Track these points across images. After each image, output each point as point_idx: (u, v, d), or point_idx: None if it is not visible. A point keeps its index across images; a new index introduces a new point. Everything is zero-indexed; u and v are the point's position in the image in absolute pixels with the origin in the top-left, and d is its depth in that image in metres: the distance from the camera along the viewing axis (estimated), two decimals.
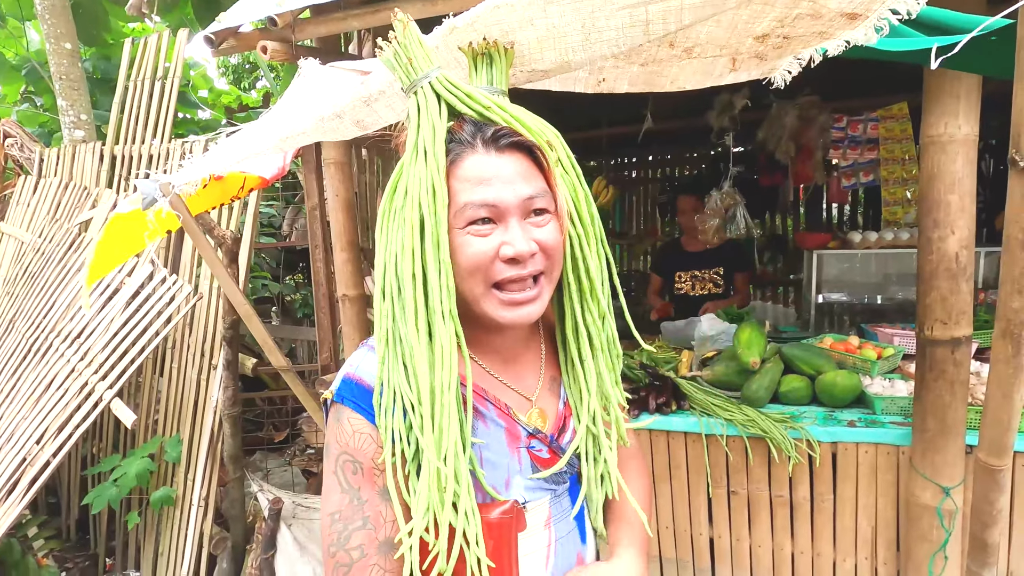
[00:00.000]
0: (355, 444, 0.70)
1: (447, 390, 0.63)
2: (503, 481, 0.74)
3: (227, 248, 2.19)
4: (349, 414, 0.71)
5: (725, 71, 0.97)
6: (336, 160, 2.17)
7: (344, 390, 0.73)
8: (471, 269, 0.67)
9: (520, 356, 0.81)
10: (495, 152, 0.67)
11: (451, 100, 0.68)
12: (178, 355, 2.72)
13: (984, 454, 1.03)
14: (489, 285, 0.68)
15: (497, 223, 0.67)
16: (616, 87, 1.07)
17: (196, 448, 2.58)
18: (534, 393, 0.80)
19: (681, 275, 3.22)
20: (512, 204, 0.66)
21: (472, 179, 0.66)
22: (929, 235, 1.58)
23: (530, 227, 0.68)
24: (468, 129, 0.68)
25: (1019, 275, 0.82)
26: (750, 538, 1.97)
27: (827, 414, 1.95)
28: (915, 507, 1.69)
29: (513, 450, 0.75)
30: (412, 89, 0.69)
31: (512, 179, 0.66)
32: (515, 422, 0.76)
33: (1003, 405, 0.92)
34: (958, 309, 1.56)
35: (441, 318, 0.64)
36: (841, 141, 3.19)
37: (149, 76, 3.08)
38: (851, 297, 3.33)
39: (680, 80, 1.02)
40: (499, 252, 0.66)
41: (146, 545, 2.70)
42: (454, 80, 0.70)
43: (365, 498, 0.68)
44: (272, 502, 2.27)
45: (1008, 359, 0.87)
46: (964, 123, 1.51)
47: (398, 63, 0.70)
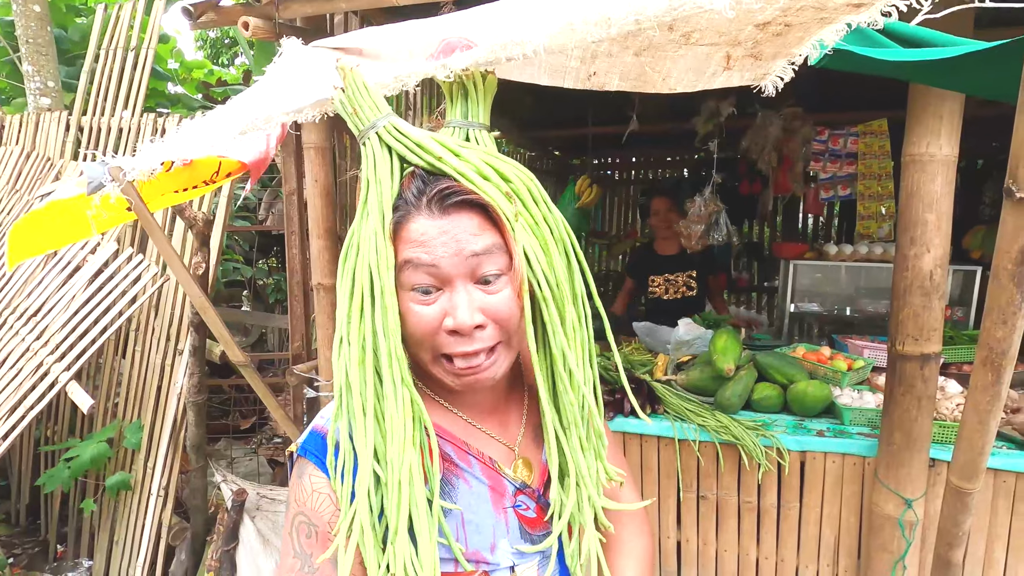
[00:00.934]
0: (312, 504, 0.64)
1: (399, 465, 0.58)
2: (488, 546, 0.67)
3: (198, 230, 2.11)
4: (311, 470, 0.65)
5: (719, 69, 0.94)
6: (317, 145, 2.11)
7: (309, 443, 0.67)
8: (416, 336, 0.62)
9: (500, 405, 0.75)
10: (439, 214, 0.60)
11: (400, 151, 0.63)
12: (142, 338, 2.62)
13: (956, 477, 1.05)
14: (437, 354, 0.63)
15: (443, 288, 0.61)
16: (607, 82, 1.04)
17: (158, 435, 2.50)
18: (516, 442, 0.74)
19: (654, 279, 3.24)
20: (455, 270, 0.60)
21: (414, 242, 0.60)
22: (905, 252, 1.60)
23: (480, 294, 0.61)
24: (415, 187, 0.62)
25: (1005, 305, 0.82)
26: (717, 542, 1.99)
27: (797, 423, 1.98)
28: (878, 517, 1.73)
29: (499, 511, 0.69)
30: (361, 139, 0.65)
31: (457, 239, 0.60)
32: (501, 477, 0.70)
33: (978, 431, 0.93)
34: (929, 326, 1.59)
35: (392, 385, 0.59)
36: (822, 154, 3.24)
37: (122, 45, 2.95)
38: (823, 308, 3.39)
39: (672, 77, 0.98)
40: (442, 323, 0.61)
41: (100, 533, 2.61)
42: (403, 128, 0.64)
43: (317, 565, 0.62)
44: (236, 493, 2.20)
45: (987, 387, 0.88)
46: (945, 144, 1.53)
47: (346, 113, 0.65)
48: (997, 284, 0.83)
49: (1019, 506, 1.72)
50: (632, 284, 3.36)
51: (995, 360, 0.85)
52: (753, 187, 4.31)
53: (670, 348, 2.51)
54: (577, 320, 0.65)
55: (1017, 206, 0.79)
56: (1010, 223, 0.80)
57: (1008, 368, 0.85)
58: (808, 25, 0.80)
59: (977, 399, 0.90)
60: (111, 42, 2.97)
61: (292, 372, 2.23)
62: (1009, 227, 0.80)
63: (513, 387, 0.77)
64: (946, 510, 1.10)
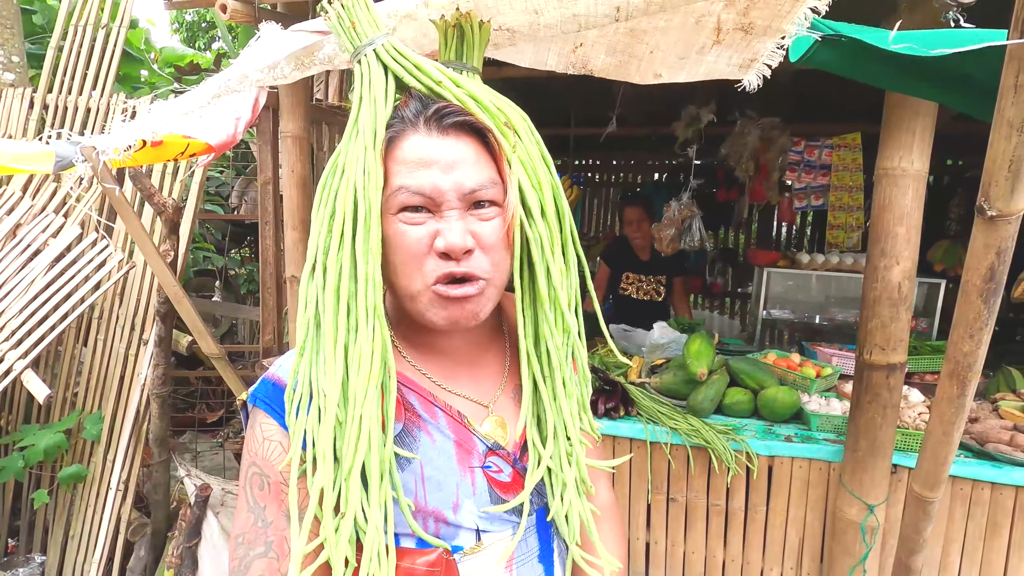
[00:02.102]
0: (264, 453, 0.61)
1: (363, 399, 0.55)
2: (450, 505, 0.63)
3: (167, 217, 2.04)
4: (262, 418, 0.62)
5: (708, 43, 0.90)
6: (294, 134, 2.07)
7: (259, 390, 0.64)
8: (405, 261, 0.59)
9: (477, 360, 0.71)
10: (438, 133, 0.59)
11: (398, 71, 0.61)
12: (105, 326, 2.53)
13: (919, 486, 1.07)
14: (426, 283, 0.59)
15: (433, 212, 0.59)
16: (592, 57, 0.98)
17: (119, 427, 2.42)
18: (491, 399, 0.69)
19: (629, 275, 3.26)
20: (451, 192, 0.58)
21: (409, 162, 0.58)
22: (876, 263, 1.64)
23: (472, 219, 0.60)
24: (413, 106, 0.60)
25: (972, 320, 0.85)
26: (685, 544, 2.02)
27: (767, 428, 2.02)
28: (841, 521, 1.77)
29: (465, 469, 0.64)
30: (356, 56, 0.62)
31: (454, 166, 0.58)
32: (470, 433, 0.66)
33: (942, 442, 0.96)
34: (896, 336, 1.63)
35: (365, 314, 0.57)
36: (797, 164, 3.31)
37: (92, 22, 2.84)
38: (794, 315, 3.47)
39: (659, 52, 0.93)
40: (432, 244, 0.59)
41: (55, 527, 2.51)
42: (403, 49, 0.62)
43: (270, 519, 0.59)
44: (200, 488, 2.15)
45: (952, 399, 0.90)
46: (917, 159, 1.57)
47: (341, 27, 0.63)
48: (965, 300, 0.85)
49: (975, 511, 1.77)
50: (608, 274, 3.35)
51: (961, 373, 0.87)
52: (730, 194, 4.38)
53: (644, 351, 2.53)
54: (565, 265, 0.64)
55: (988, 224, 0.80)
56: (980, 240, 0.82)
57: (973, 381, 0.87)
58: None
59: (942, 410, 0.92)
60: (80, 18, 2.86)
61: (263, 365, 2.18)
62: (979, 244, 0.82)
63: (490, 347, 0.73)
64: (908, 517, 1.13)
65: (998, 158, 0.76)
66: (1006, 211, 0.78)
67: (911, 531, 1.12)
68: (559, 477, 0.65)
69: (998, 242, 0.80)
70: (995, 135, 0.76)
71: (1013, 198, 0.76)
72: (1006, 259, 0.81)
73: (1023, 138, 0.74)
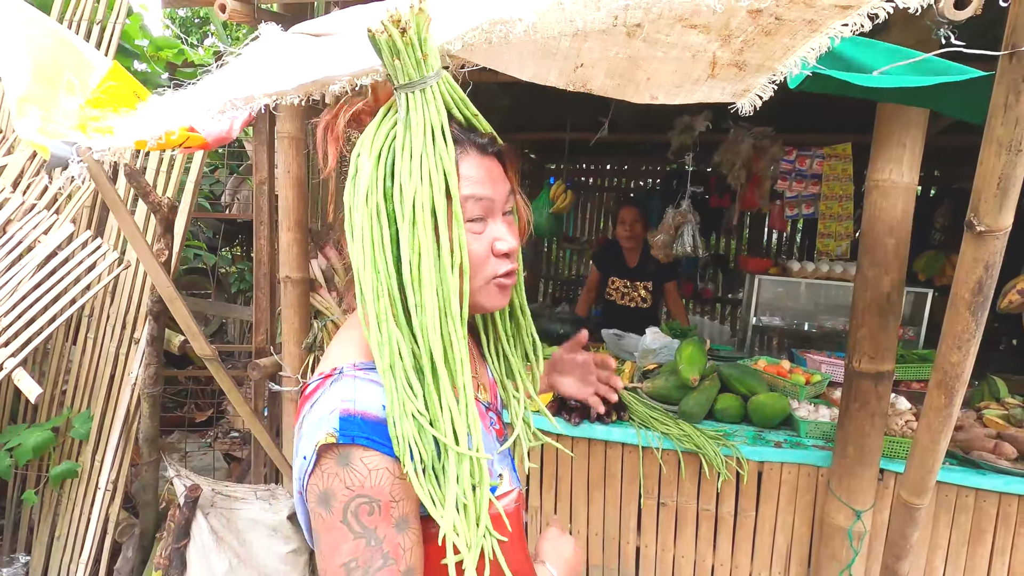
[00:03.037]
0: (372, 483, 0.66)
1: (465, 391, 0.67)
2: (491, 461, 0.78)
3: (162, 216, 2.03)
4: (362, 453, 0.66)
5: (703, 76, 0.93)
6: (291, 135, 2.06)
7: (351, 430, 0.66)
8: (472, 265, 0.71)
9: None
10: (485, 156, 0.73)
11: (450, 104, 0.69)
12: (96, 325, 2.51)
13: (906, 493, 1.10)
14: (488, 279, 0.73)
15: (487, 220, 0.73)
16: (592, 77, 1.00)
17: (108, 427, 2.39)
18: (475, 369, 0.85)
19: (615, 280, 3.27)
20: (500, 201, 0.73)
21: (469, 177, 0.70)
22: (866, 273, 1.67)
23: (507, 225, 0.75)
24: (455, 129, 0.70)
25: (961, 332, 0.87)
26: (675, 549, 2.03)
27: (756, 434, 2.04)
28: (829, 527, 1.79)
29: (488, 429, 0.80)
30: (420, 86, 0.65)
31: (497, 179, 0.73)
32: (479, 402, 0.81)
33: (930, 450, 0.98)
34: (885, 345, 1.66)
35: (455, 323, 0.66)
36: (789, 173, 3.35)
37: (87, 17, 2.82)
38: (784, 322, 3.50)
39: (656, 80, 0.95)
40: (493, 247, 0.72)
41: (40, 527, 2.48)
42: (452, 82, 0.69)
43: (382, 536, 0.66)
44: (189, 489, 2.13)
45: (940, 408, 0.92)
46: (907, 171, 1.60)
47: (408, 55, 0.63)
48: (954, 312, 0.87)
49: (959, 518, 1.81)
50: (597, 278, 3.36)
51: (949, 383, 0.89)
52: (722, 201, 4.42)
53: (636, 356, 2.55)
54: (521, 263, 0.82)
55: (977, 239, 0.82)
56: (969, 255, 0.84)
57: (960, 391, 0.90)
58: (796, 29, 0.81)
59: (930, 420, 0.94)
60: (75, 13, 2.83)
61: (256, 366, 2.17)
62: (968, 258, 0.84)
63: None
64: (895, 523, 1.15)
65: (987, 175, 0.79)
66: (994, 227, 0.80)
67: (898, 536, 1.15)
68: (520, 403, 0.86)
69: (986, 256, 0.82)
70: (985, 152, 0.78)
71: (1001, 214, 0.79)
72: (994, 273, 0.84)
73: (1012, 156, 0.77)
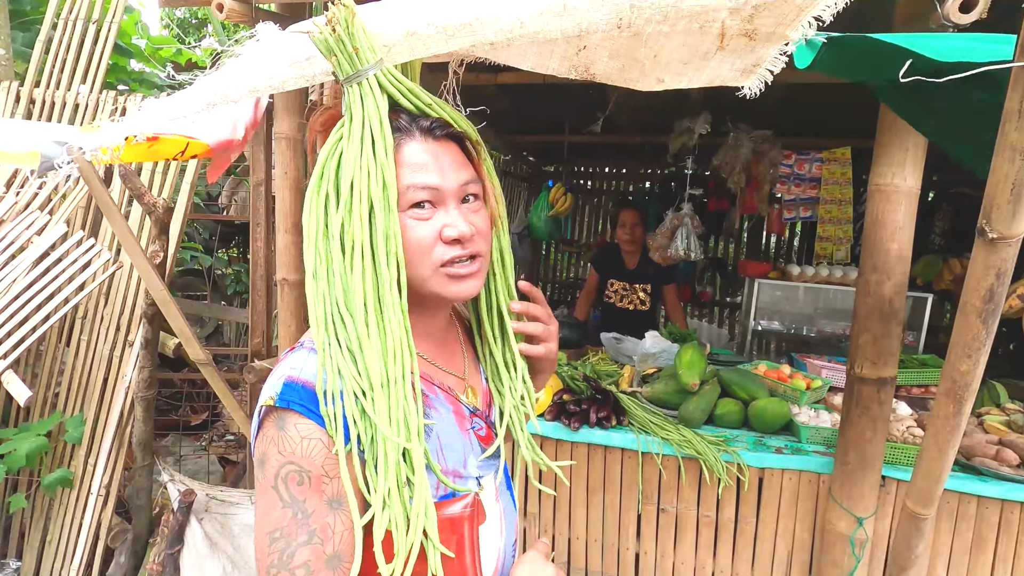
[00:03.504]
0: (303, 451, 0.65)
1: (402, 379, 0.65)
2: (462, 463, 0.76)
3: (157, 217, 2.01)
4: (296, 419, 0.66)
5: (712, 49, 0.90)
6: (288, 136, 2.04)
7: (289, 394, 0.67)
8: (416, 252, 0.69)
9: (447, 341, 0.84)
10: (432, 140, 0.71)
11: (395, 94, 0.70)
12: (89, 327, 2.48)
13: (912, 502, 1.08)
14: (435, 267, 0.70)
15: (437, 206, 0.70)
16: (595, 60, 0.97)
17: (101, 430, 2.36)
18: (464, 372, 0.83)
19: (614, 283, 3.26)
20: (451, 188, 0.70)
21: (413, 164, 0.69)
22: (868, 278, 1.65)
23: (465, 211, 0.72)
24: (404, 118, 0.71)
25: (971, 340, 0.86)
26: (674, 555, 2.01)
27: (757, 439, 2.02)
28: (830, 534, 1.78)
29: (464, 431, 0.78)
30: (356, 79, 0.68)
31: (449, 165, 0.71)
32: (460, 403, 0.79)
33: (937, 459, 0.97)
34: (887, 351, 1.64)
35: (391, 310, 0.66)
36: (788, 177, 3.34)
37: (83, 16, 2.79)
38: (784, 326, 3.49)
39: (663, 56, 0.93)
40: (441, 234, 0.70)
41: (32, 532, 2.45)
42: (397, 73, 0.70)
43: (311, 510, 0.64)
44: (183, 494, 2.10)
45: (948, 417, 0.91)
46: (910, 176, 1.59)
47: (340, 51, 0.67)
48: (964, 320, 0.86)
49: (960, 526, 1.79)
50: (596, 280, 3.35)
51: (958, 392, 0.88)
52: (720, 204, 4.42)
53: (636, 360, 2.53)
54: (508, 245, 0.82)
55: (988, 246, 0.81)
56: (980, 262, 0.83)
57: (969, 400, 0.88)
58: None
59: (938, 428, 0.92)
60: (70, 11, 2.81)
61: (252, 369, 2.14)
62: (979, 266, 0.83)
63: (451, 327, 0.87)
64: (900, 533, 1.13)
65: (1000, 181, 0.77)
66: (1007, 234, 0.79)
67: (903, 547, 1.13)
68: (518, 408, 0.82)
69: (998, 264, 0.81)
70: (998, 159, 0.77)
71: (1014, 221, 0.77)
72: (1005, 281, 0.82)
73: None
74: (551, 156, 5.62)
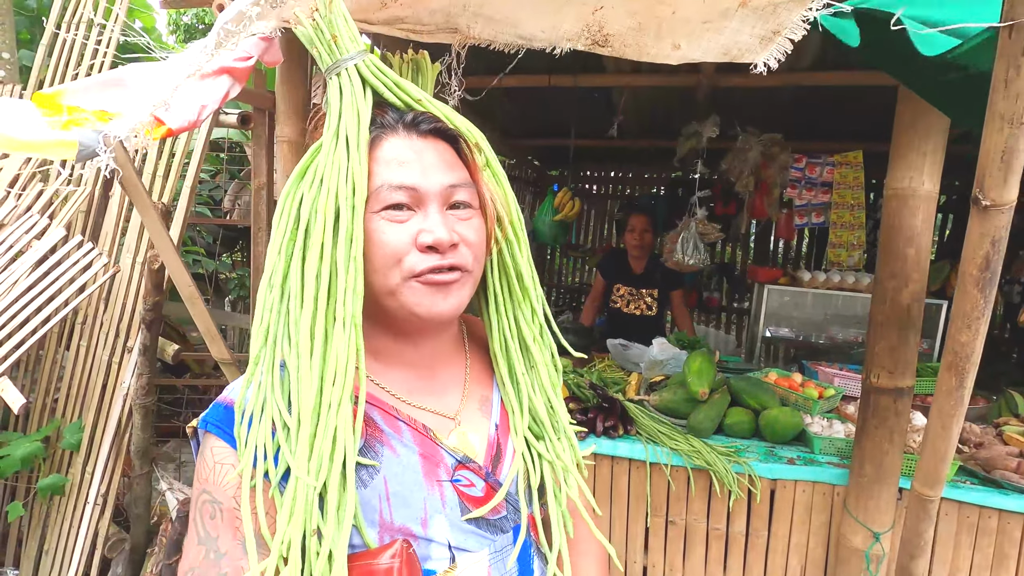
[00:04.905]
0: (215, 478, 0.58)
1: (334, 408, 0.55)
2: (418, 520, 0.60)
3: None
4: (214, 442, 0.60)
5: (733, 6, 0.87)
6: (291, 139, 2.01)
7: (211, 415, 0.61)
8: (386, 257, 0.60)
9: (438, 372, 0.70)
10: (417, 136, 0.63)
11: (378, 87, 0.64)
12: (88, 332, 2.45)
13: (919, 484, 1.08)
14: (406, 277, 0.60)
15: (415, 210, 0.61)
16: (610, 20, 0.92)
17: (99, 437, 2.33)
18: (455, 411, 0.68)
19: (620, 288, 3.22)
20: (432, 190, 0.61)
21: (391, 160, 0.61)
22: (885, 285, 1.60)
23: (452, 218, 0.62)
24: (391, 115, 0.64)
25: (970, 310, 0.87)
26: (683, 569, 1.96)
27: (768, 450, 1.97)
28: (845, 549, 1.72)
29: (432, 482, 0.62)
30: (335, 70, 0.63)
31: (434, 165, 0.62)
32: (436, 446, 0.64)
33: (941, 436, 0.97)
34: (904, 360, 1.59)
35: (343, 323, 0.57)
36: (799, 181, 3.29)
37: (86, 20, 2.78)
38: (794, 333, 3.43)
39: (682, 11, 0.89)
40: (416, 239, 0.60)
41: (29, 540, 2.42)
42: (382, 66, 0.65)
43: (224, 550, 0.56)
44: (182, 503, 2.07)
45: (951, 391, 0.92)
46: (927, 180, 1.54)
47: (319, 40, 0.63)
48: (962, 290, 0.87)
49: (981, 541, 1.73)
50: (603, 286, 3.31)
51: (960, 364, 0.88)
52: (727, 208, 4.36)
53: (643, 367, 2.48)
54: (531, 268, 0.70)
55: (983, 214, 0.83)
56: (975, 230, 0.85)
57: (971, 372, 0.89)
58: None
59: (941, 403, 0.93)
60: (73, 15, 2.80)
61: None
62: (975, 234, 0.85)
63: (452, 358, 0.73)
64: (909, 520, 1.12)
65: (991, 150, 0.80)
66: (999, 201, 0.81)
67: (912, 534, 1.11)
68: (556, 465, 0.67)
69: (992, 231, 0.84)
70: (988, 128, 0.79)
71: (1006, 188, 0.80)
72: (1000, 248, 0.85)
73: (1014, 130, 0.78)
74: (556, 160, 5.59)
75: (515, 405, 0.69)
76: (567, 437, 0.70)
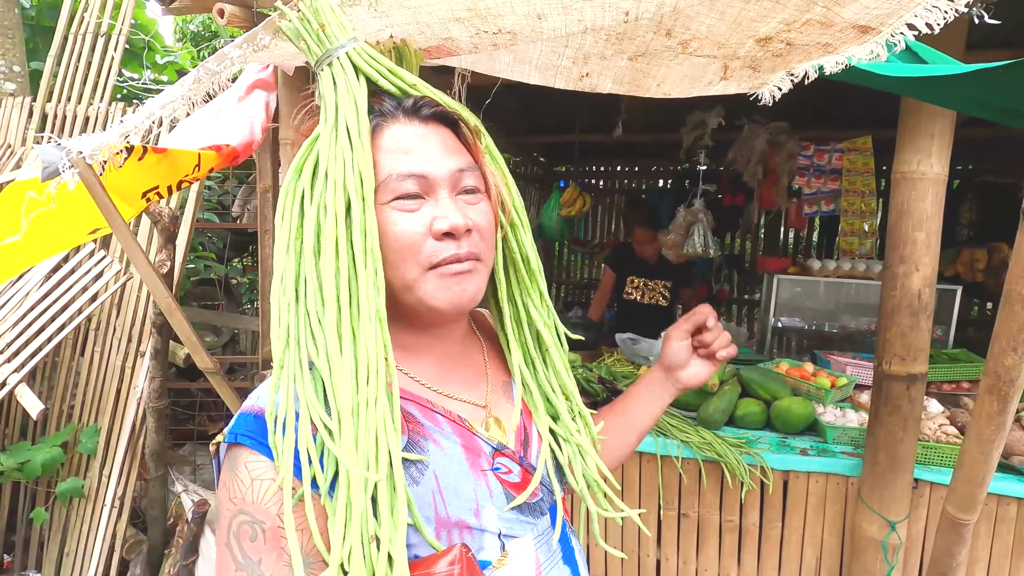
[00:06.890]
0: (255, 496, 0.53)
1: (371, 405, 0.52)
2: (471, 511, 0.60)
3: (163, 226, 2.00)
4: (248, 456, 0.54)
5: (715, 79, 0.91)
6: (295, 141, 2.02)
7: (239, 427, 0.56)
8: (401, 249, 0.58)
9: (460, 362, 0.70)
10: (419, 122, 0.61)
11: (372, 74, 0.61)
12: (102, 338, 2.49)
13: (953, 508, 1.01)
14: (424, 267, 0.59)
15: (426, 198, 0.60)
16: (599, 84, 0.99)
17: (115, 441, 2.37)
18: (485, 398, 0.68)
19: (634, 279, 3.20)
20: (441, 176, 0.60)
21: (396, 149, 0.59)
22: (895, 271, 1.58)
23: (461, 203, 0.61)
24: (389, 102, 0.62)
25: (1016, 332, 0.79)
26: (697, 562, 1.95)
27: (780, 440, 1.95)
28: (861, 539, 1.70)
29: (477, 473, 0.62)
30: (325, 61, 0.60)
31: (439, 150, 0.61)
32: (474, 436, 0.64)
33: (980, 461, 0.89)
34: (917, 346, 1.57)
35: (368, 318, 0.55)
36: (807, 169, 3.24)
37: (92, 30, 2.82)
38: (805, 322, 3.39)
39: (667, 83, 0.95)
40: (432, 227, 0.58)
41: (50, 544, 2.46)
42: (375, 53, 0.62)
43: (267, 573, 0.51)
44: (197, 504, 2.09)
45: (992, 416, 0.85)
46: (936, 162, 1.52)
47: (307, 31, 0.60)
48: (1009, 310, 0.79)
49: (1000, 529, 1.70)
50: (612, 280, 3.30)
51: (1003, 388, 0.81)
52: (735, 199, 4.32)
53: (652, 361, 2.47)
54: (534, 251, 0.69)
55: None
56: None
57: (1015, 397, 0.81)
58: (809, 49, 0.77)
59: (980, 428, 0.86)
60: (80, 25, 2.84)
61: (262, 377, 2.12)
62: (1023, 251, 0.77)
63: (468, 348, 0.73)
64: (940, 540, 1.06)
65: None
66: None
67: (943, 554, 1.06)
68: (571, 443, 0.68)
69: None
70: None
71: None
72: None
73: None
74: (562, 156, 5.57)
75: (533, 388, 0.69)
76: (582, 416, 0.71)
